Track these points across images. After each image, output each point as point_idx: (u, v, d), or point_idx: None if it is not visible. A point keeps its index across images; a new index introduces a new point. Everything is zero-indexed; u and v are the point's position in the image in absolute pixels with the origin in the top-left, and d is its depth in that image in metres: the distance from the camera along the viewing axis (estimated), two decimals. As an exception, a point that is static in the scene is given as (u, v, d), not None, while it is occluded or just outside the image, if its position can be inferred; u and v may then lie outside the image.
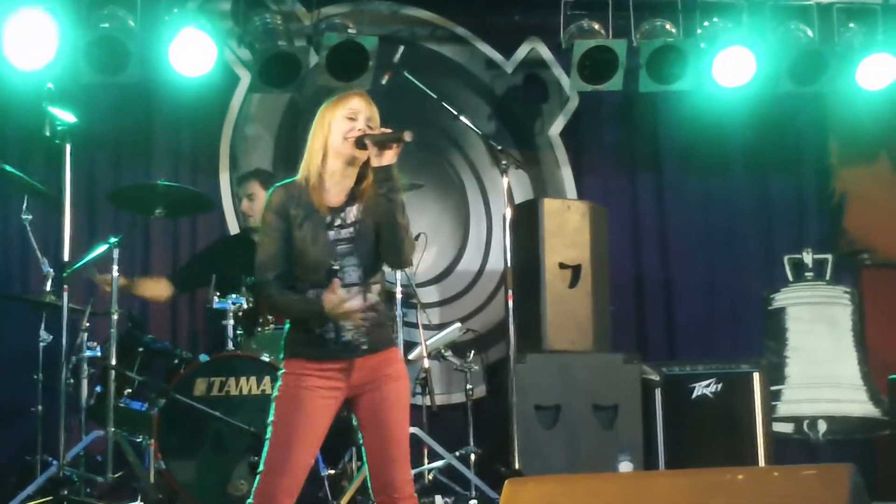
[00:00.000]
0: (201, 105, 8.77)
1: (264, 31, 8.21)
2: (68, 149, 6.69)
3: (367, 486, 4.69)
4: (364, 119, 4.65)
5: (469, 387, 7.67)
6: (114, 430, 6.62)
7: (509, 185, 7.16)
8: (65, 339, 6.64)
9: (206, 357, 6.98)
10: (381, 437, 4.61)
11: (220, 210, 8.69)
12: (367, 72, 8.19)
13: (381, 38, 8.41)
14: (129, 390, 6.97)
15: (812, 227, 9.51)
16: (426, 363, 7.34)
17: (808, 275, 9.09)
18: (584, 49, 8.44)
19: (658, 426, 7.89)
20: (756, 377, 7.96)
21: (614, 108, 9.39)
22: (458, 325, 7.93)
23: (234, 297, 7.09)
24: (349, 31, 8.30)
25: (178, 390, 6.71)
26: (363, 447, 4.67)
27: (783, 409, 8.84)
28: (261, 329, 7.10)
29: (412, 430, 7.10)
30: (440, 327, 8.13)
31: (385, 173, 4.58)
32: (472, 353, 7.80)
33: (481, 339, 8.41)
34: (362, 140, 4.58)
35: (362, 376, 4.60)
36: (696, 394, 7.95)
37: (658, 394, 7.93)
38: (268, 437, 4.57)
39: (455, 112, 7.49)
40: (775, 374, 8.68)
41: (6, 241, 8.37)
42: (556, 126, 9.38)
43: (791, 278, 9.14)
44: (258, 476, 4.55)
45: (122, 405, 6.88)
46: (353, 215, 4.63)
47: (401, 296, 7.38)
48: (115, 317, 6.78)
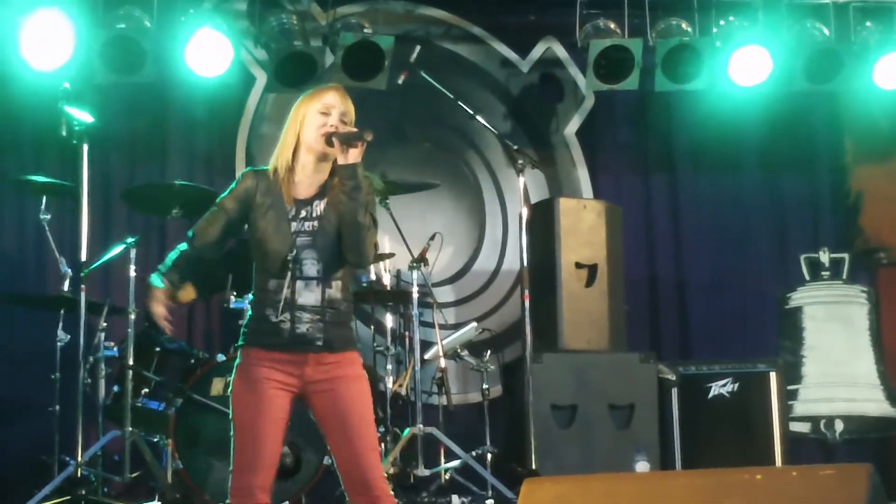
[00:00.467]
0: (217, 105, 8.81)
1: (280, 30, 8.21)
2: (85, 149, 6.70)
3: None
4: (338, 114, 4.59)
5: (485, 386, 7.66)
6: (131, 429, 6.63)
7: (525, 184, 7.16)
8: (82, 339, 6.66)
9: (222, 356, 7.00)
10: (347, 436, 4.52)
11: (237, 210, 8.69)
12: (383, 71, 8.19)
13: (396, 37, 8.40)
14: (147, 390, 6.98)
15: (828, 226, 9.49)
16: (442, 363, 7.34)
17: (825, 274, 9.07)
18: (600, 48, 8.43)
19: (674, 426, 7.88)
20: (773, 376, 7.95)
21: (630, 108, 9.39)
22: (474, 324, 7.92)
23: (251, 296, 7.08)
24: (365, 30, 8.30)
25: (194, 390, 6.73)
26: (330, 453, 4.61)
27: (800, 408, 8.82)
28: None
29: (429, 429, 7.14)
30: (456, 327, 8.14)
31: (349, 171, 4.52)
32: (489, 352, 7.79)
33: (497, 338, 8.41)
34: (331, 137, 4.55)
35: (315, 373, 4.54)
36: (712, 393, 7.93)
37: (674, 393, 7.92)
38: (231, 434, 4.55)
39: (471, 112, 7.49)
40: (792, 374, 8.66)
41: (24, 242, 8.39)
42: (572, 125, 9.38)
43: (807, 277, 9.12)
44: (230, 475, 4.53)
45: (140, 405, 6.89)
46: (319, 209, 4.60)
47: (417, 295, 7.38)
48: (132, 316, 6.79)
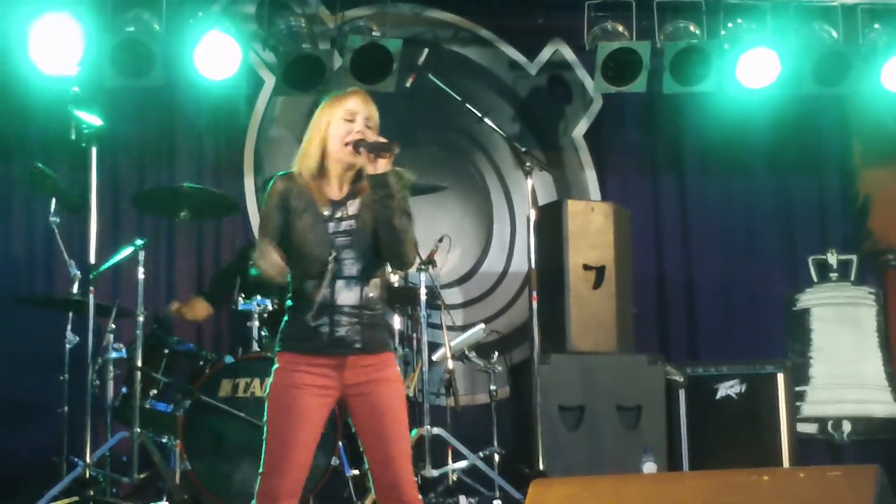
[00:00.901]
0: (226, 108, 8.82)
1: (288, 33, 8.22)
2: (94, 152, 6.73)
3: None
4: (362, 120, 4.59)
5: (493, 388, 7.67)
6: (139, 430, 6.65)
7: (533, 186, 7.16)
8: (91, 341, 6.69)
9: (230, 358, 7.01)
10: (380, 439, 4.53)
11: (245, 212, 8.72)
12: (391, 74, 8.20)
13: (404, 40, 8.42)
14: (155, 391, 7.00)
15: (836, 228, 9.49)
16: (450, 364, 7.34)
17: (833, 275, 9.08)
18: (608, 51, 8.44)
19: (682, 427, 7.89)
20: (780, 378, 7.95)
21: (638, 110, 9.39)
22: (482, 326, 7.93)
23: (259, 298, 7.12)
24: (373, 33, 8.32)
25: (203, 391, 6.74)
26: (363, 453, 4.62)
27: (807, 409, 8.82)
28: (284, 330, 7.11)
29: (436, 430, 7.15)
30: (464, 328, 8.14)
31: (379, 180, 4.53)
32: (496, 354, 7.80)
33: (505, 340, 8.40)
34: (358, 145, 4.55)
35: (354, 375, 4.55)
36: (720, 394, 7.94)
37: (682, 395, 7.93)
38: (264, 437, 4.54)
39: (479, 114, 7.49)
40: (799, 375, 8.67)
41: (33, 244, 8.41)
42: (580, 128, 9.39)
43: (815, 279, 9.12)
44: (259, 478, 4.53)
45: (148, 406, 6.90)
46: (353, 208, 4.60)
47: (425, 297, 7.39)
48: (140, 318, 6.80)
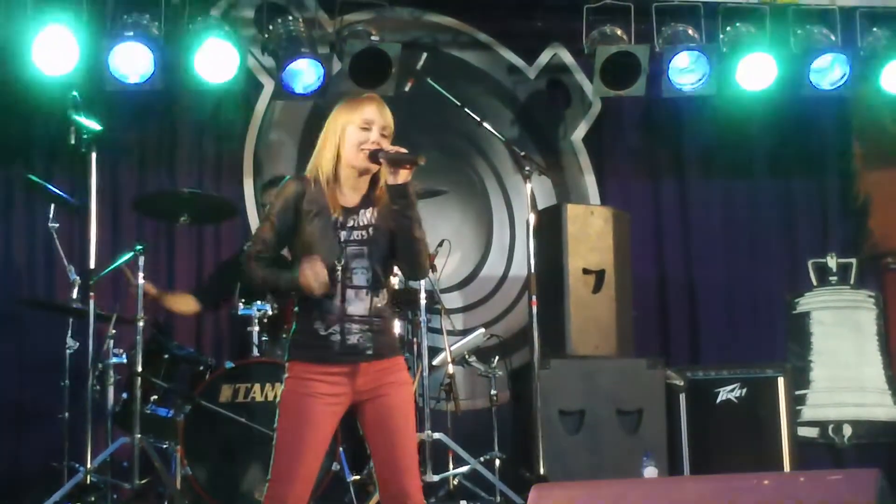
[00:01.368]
0: (225, 112, 8.82)
1: (287, 38, 8.23)
2: (94, 157, 6.73)
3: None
4: (378, 129, 4.60)
5: (493, 392, 7.67)
6: (140, 436, 6.64)
7: (532, 190, 7.16)
8: (91, 346, 6.69)
9: (231, 363, 7.01)
10: (390, 445, 4.56)
11: (245, 217, 8.72)
12: (390, 78, 8.20)
13: (403, 44, 8.42)
14: (155, 397, 7.00)
15: (836, 231, 9.49)
16: (450, 369, 7.34)
17: (833, 279, 9.08)
18: (607, 54, 8.44)
19: (682, 431, 7.88)
20: (781, 382, 7.95)
21: (637, 113, 9.39)
22: (482, 330, 7.94)
23: (259, 303, 7.12)
24: (372, 37, 8.32)
25: (203, 396, 6.74)
26: (370, 456, 4.64)
27: (808, 413, 8.82)
28: (285, 335, 7.11)
29: (437, 435, 7.15)
30: (464, 333, 8.14)
31: (399, 191, 4.54)
32: (496, 358, 7.80)
33: (505, 344, 8.40)
34: (377, 155, 4.56)
35: (367, 382, 4.56)
36: (720, 398, 7.94)
37: (682, 398, 7.93)
38: (274, 443, 4.57)
39: (478, 118, 7.49)
40: (800, 379, 8.67)
41: (33, 249, 8.40)
42: (579, 131, 9.39)
43: (815, 282, 9.13)
44: (267, 484, 4.56)
45: (148, 411, 6.90)
46: (366, 218, 4.61)
47: (425, 301, 7.39)
48: (140, 324, 6.80)
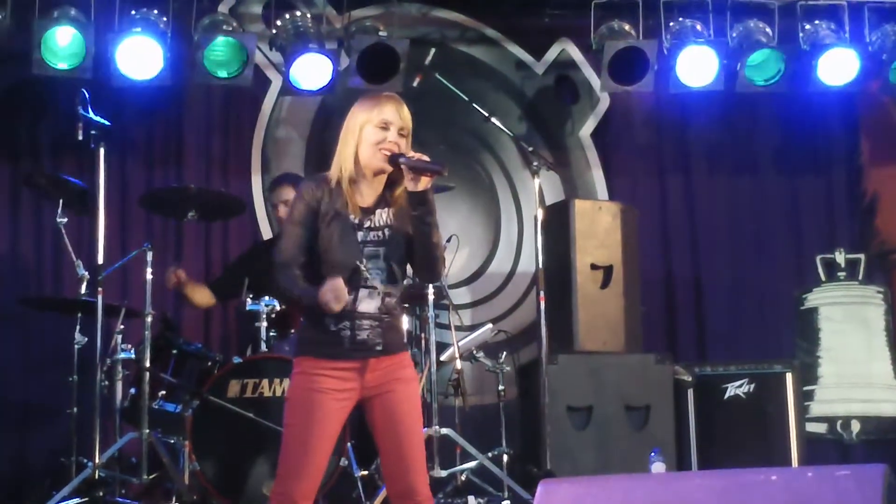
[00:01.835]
0: (233, 108, 8.83)
1: (295, 34, 8.23)
2: (102, 153, 6.73)
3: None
4: (396, 130, 4.60)
5: (501, 388, 7.67)
6: (148, 431, 6.65)
7: (540, 186, 7.17)
8: (99, 342, 6.68)
9: (239, 359, 7.02)
10: (398, 440, 4.58)
11: (252, 213, 8.72)
12: (398, 74, 8.20)
13: (411, 40, 8.41)
14: (163, 392, 7.00)
15: (843, 227, 9.47)
16: (458, 364, 7.33)
17: (841, 275, 9.07)
18: (615, 50, 8.43)
19: (690, 427, 7.87)
20: (789, 377, 7.93)
21: (645, 109, 9.38)
22: (490, 326, 7.93)
23: (267, 299, 7.12)
24: (380, 33, 8.31)
25: (211, 392, 6.74)
26: (378, 451, 4.66)
27: (816, 409, 8.82)
28: (294, 331, 7.13)
29: (445, 431, 7.15)
30: (472, 328, 8.14)
31: (420, 197, 4.56)
32: (504, 354, 7.79)
33: (513, 340, 8.38)
34: (397, 160, 4.56)
35: (376, 377, 4.59)
36: (728, 394, 7.93)
37: (690, 394, 7.92)
38: (283, 439, 4.59)
39: (486, 114, 7.50)
40: (808, 375, 8.67)
41: (41, 245, 8.41)
42: (587, 127, 9.38)
43: (823, 278, 9.12)
44: (275, 480, 4.58)
45: (156, 407, 6.91)
46: (383, 219, 4.63)
47: (432, 297, 7.38)
48: (148, 319, 6.81)
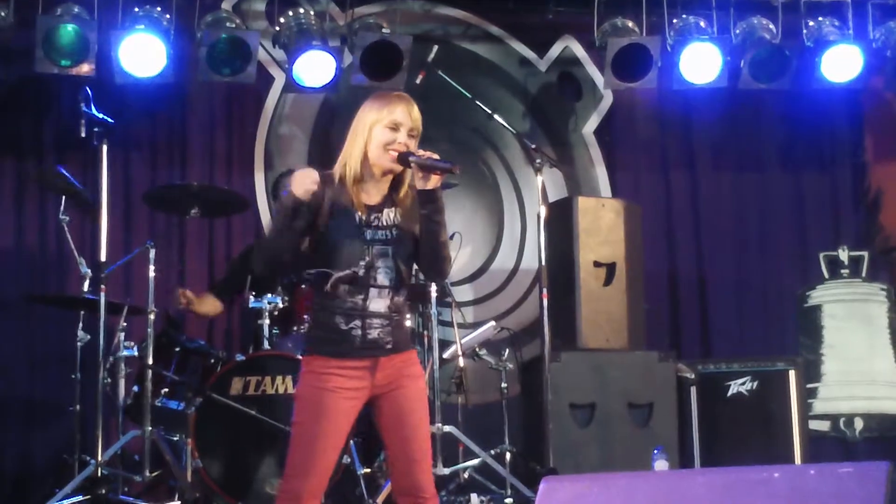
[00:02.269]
0: (236, 105, 8.83)
1: (298, 31, 8.23)
2: (105, 150, 6.73)
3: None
4: (406, 131, 4.59)
5: (504, 385, 7.67)
6: (151, 429, 6.64)
7: (543, 183, 7.16)
8: (102, 339, 6.68)
9: (242, 356, 7.01)
10: (404, 438, 4.59)
11: (256, 210, 8.72)
12: (401, 71, 8.20)
13: (414, 37, 8.42)
14: (166, 389, 7.00)
15: (847, 224, 9.47)
16: (461, 362, 7.34)
17: (844, 272, 9.07)
18: (618, 47, 8.43)
19: (693, 424, 7.86)
20: (792, 375, 7.92)
21: (648, 106, 9.37)
22: (493, 323, 7.93)
23: (270, 296, 7.12)
24: (383, 30, 8.31)
25: (214, 389, 6.73)
26: (384, 449, 4.66)
27: (819, 406, 8.82)
28: (297, 328, 7.13)
29: (447, 428, 7.15)
30: (475, 326, 8.14)
31: (429, 195, 4.56)
32: (507, 351, 7.80)
33: (516, 337, 8.38)
34: (406, 158, 4.56)
35: (386, 376, 4.59)
36: (731, 392, 7.92)
37: (693, 392, 7.91)
38: (291, 438, 4.58)
39: (489, 111, 7.50)
40: (811, 372, 8.66)
41: (44, 243, 8.41)
42: (590, 124, 9.38)
43: (827, 275, 9.11)
44: (283, 478, 4.57)
45: (159, 404, 6.91)
46: (390, 218, 4.62)
47: (435, 294, 7.38)
48: (151, 316, 6.81)
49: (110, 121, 6.76)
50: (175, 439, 6.96)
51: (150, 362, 6.75)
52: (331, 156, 4.84)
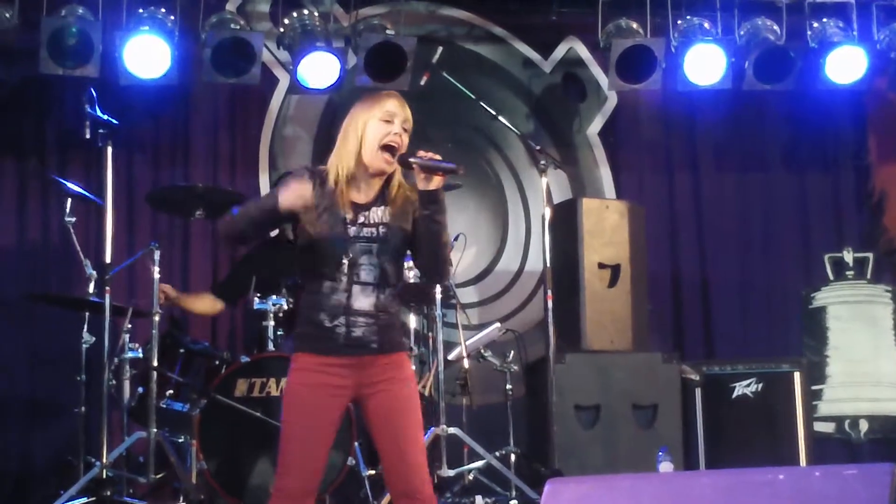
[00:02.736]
0: (240, 107, 8.83)
1: (303, 32, 8.23)
2: (109, 151, 6.73)
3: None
4: (400, 122, 4.60)
5: (508, 387, 7.66)
6: (155, 430, 6.64)
7: (548, 184, 7.16)
8: (107, 341, 6.68)
9: (246, 358, 7.01)
10: (394, 440, 4.56)
11: (260, 211, 8.70)
12: (406, 72, 8.20)
13: (418, 38, 8.41)
14: (171, 391, 7.00)
15: (851, 225, 9.46)
16: (466, 363, 7.34)
17: (849, 273, 9.06)
18: (622, 48, 8.42)
19: (698, 426, 7.86)
20: (797, 376, 7.91)
21: (652, 107, 9.37)
22: (498, 325, 7.93)
23: (275, 298, 7.12)
24: (387, 31, 8.31)
25: (218, 391, 6.74)
26: (379, 452, 4.64)
27: (824, 408, 8.81)
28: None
29: (452, 430, 7.14)
30: (479, 327, 8.13)
31: (431, 196, 4.54)
32: (512, 353, 7.79)
33: (520, 339, 8.37)
34: (407, 159, 4.55)
35: (370, 375, 4.56)
36: (736, 393, 7.91)
37: (698, 393, 7.90)
38: (280, 435, 4.58)
39: (493, 112, 7.49)
40: (816, 374, 8.65)
41: (49, 244, 8.42)
42: (595, 125, 9.38)
43: (831, 277, 9.10)
44: (275, 477, 4.57)
45: (164, 406, 6.91)
46: (378, 216, 4.60)
47: (440, 296, 7.38)
48: (156, 318, 6.80)
49: (114, 122, 6.75)
50: (180, 441, 6.96)
51: (155, 364, 6.74)
52: (335, 158, 4.83)
